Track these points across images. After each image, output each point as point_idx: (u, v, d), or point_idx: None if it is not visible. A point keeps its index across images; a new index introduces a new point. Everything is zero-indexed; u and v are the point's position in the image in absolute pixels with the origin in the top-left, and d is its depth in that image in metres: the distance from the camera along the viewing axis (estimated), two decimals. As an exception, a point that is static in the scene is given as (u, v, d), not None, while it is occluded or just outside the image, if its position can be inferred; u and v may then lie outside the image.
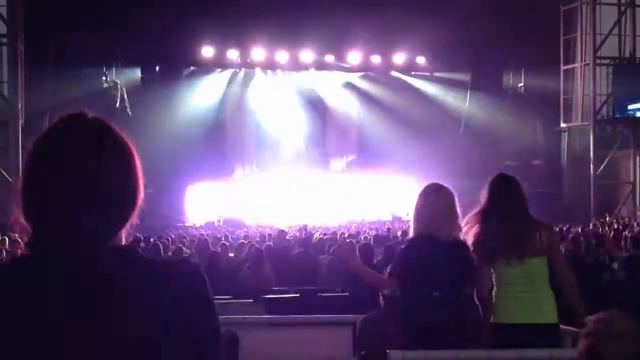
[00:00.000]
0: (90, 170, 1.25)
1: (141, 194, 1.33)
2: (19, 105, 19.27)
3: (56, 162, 1.25)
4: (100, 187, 1.25)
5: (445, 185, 4.00)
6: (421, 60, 24.58)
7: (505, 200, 3.93)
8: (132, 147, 1.33)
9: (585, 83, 23.82)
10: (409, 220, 4.42)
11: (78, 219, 1.24)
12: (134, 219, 1.33)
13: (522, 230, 3.84)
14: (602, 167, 23.23)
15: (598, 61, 23.86)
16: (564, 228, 14.53)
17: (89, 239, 1.25)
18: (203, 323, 1.29)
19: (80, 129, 1.29)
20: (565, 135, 25.19)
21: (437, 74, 25.25)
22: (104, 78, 22.17)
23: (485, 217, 3.92)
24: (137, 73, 23.20)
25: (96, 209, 1.25)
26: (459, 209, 3.92)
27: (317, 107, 25.91)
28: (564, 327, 4.49)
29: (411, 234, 4.05)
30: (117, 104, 21.89)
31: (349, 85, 25.85)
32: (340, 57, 24.06)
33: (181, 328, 1.25)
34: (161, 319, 1.24)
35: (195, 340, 1.27)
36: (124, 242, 1.32)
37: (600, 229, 14.32)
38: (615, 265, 8.91)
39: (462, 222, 3.96)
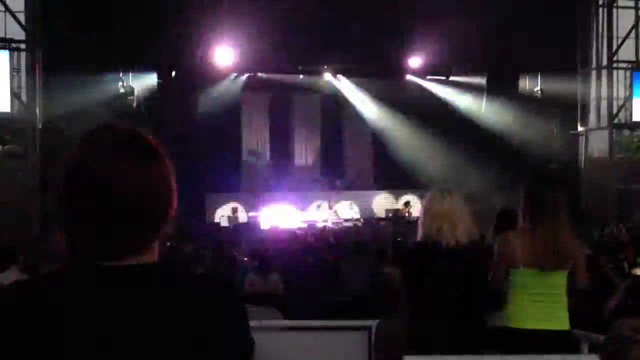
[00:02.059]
0: (128, 181, 1.25)
1: (175, 203, 1.33)
2: (37, 111, 19.47)
3: (94, 174, 1.25)
4: (139, 198, 1.26)
5: (451, 188, 3.96)
6: (436, 63, 24.48)
7: (547, 205, 3.81)
8: (165, 157, 1.32)
9: (602, 87, 23.66)
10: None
11: (118, 231, 1.25)
12: (169, 227, 1.33)
13: (564, 239, 3.77)
14: (620, 172, 23.03)
15: (615, 65, 23.70)
16: (581, 233, 14.41)
17: (127, 252, 1.26)
18: (238, 337, 1.30)
19: (116, 140, 1.29)
20: (582, 140, 25.02)
21: (452, 78, 25.12)
22: (120, 83, 22.32)
23: (527, 222, 3.85)
24: (154, 78, 23.31)
25: (134, 220, 1.26)
26: (467, 212, 3.87)
27: (333, 112, 25.91)
28: (582, 332, 4.45)
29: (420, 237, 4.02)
30: (134, 109, 22.02)
31: (365, 90, 25.82)
32: (355, 61, 24.07)
33: (216, 343, 1.26)
34: (196, 333, 1.24)
35: (231, 353, 1.28)
36: (156, 251, 1.32)
37: (620, 235, 14.17)
38: (636, 271, 8.82)
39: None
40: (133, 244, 1.25)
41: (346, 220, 22.88)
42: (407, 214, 21.91)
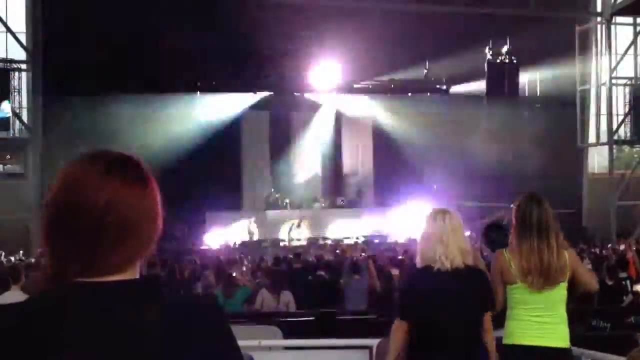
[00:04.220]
0: (115, 203, 1.28)
1: (159, 227, 1.35)
2: (39, 131, 19.55)
3: (81, 195, 1.27)
4: (124, 220, 1.28)
5: (449, 209, 3.91)
6: (437, 80, 24.54)
7: (533, 224, 3.81)
8: (153, 181, 1.36)
9: (602, 103, 23.75)
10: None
11: (100, 250, 1.26)
12: (152, 247, 1.35)
13: (550, 260, 3.77)
14: (621, 188, 23.03)
15: (614, 81, 23.79)
16: (583, 249, 14.39)
17: (108, 270, 1.27)
18: (220, 354, 1.30)
19: (105, 164, 1.32)
20: (583, 156, 25.06)
21: (453, 92, 25.12)
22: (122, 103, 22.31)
23: (515, 240, 3.85)
24: (154, 97, 23.34)
25: (118, 241, 1.27)
26: (462, 233, 3.83)
27: (334, 128, 25.97)
28: (583, 350, 4.44)
29: (418, 263, 3.98)
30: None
31: (365, 107, 25.88)
32: (356, 78, 24.19)
33: (196, 358, 1.26)
34: (174, 350, 1.24)
35: None
36: (138, 270, 1.33)
37: (622, 251, 14.12)
38: (638, 288, 8.81)
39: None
40: (115, 264, 1.27)
41: (346, 238, 22.86)
42: None
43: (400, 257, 12.31)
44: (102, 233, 1.26)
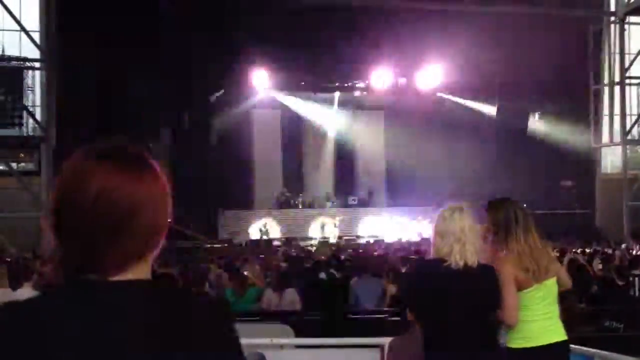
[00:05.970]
0: (106, 191, 1.25)
1: (167, 218, 1.32)
2: (52, 129, 19.65)
3: (83, 187, 1.26)
4: (125, 212, 1.25)
5: (463, 205, 3.88)
6: (449, 82, 24.50)
7: (520, 223, 3.87)
8: (164, 177, 1.33)
9: (615, 103, 23.60)
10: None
11: (104, 245, 1.24)
12: (159, 240, 1.32)
13: (534, 246, 3.83)
14: (634, 188, 22.88)
15: (627, 81, 23.64)
16: (594, 249, 14.32)
17: (113, 266, 1.25)
18: (225, 356, 1.29)
19: (107, 154, 1.30)
20: (596, 155, 24.91)
21: (464, 97, 25.07)
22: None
23: (504, 244, 3.86)
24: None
25: (120, 234, 1.25)
26: (476, 231, 3.80)
27: (345, 131, 25.97)
28: (596, 350, 4.43)
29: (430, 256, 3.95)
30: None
31: (377, 112, 25.90)
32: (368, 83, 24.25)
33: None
34: (178, 353, 1.24)
35: None
36: (150, 265, 1.32)
37: (634, 251, 14.06)
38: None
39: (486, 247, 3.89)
40: (119, 259, 1.24)
41: (358, 237, 22.84)
42: None
43: (412, 256, 12.28)
44: (97, 222, 1.23)
